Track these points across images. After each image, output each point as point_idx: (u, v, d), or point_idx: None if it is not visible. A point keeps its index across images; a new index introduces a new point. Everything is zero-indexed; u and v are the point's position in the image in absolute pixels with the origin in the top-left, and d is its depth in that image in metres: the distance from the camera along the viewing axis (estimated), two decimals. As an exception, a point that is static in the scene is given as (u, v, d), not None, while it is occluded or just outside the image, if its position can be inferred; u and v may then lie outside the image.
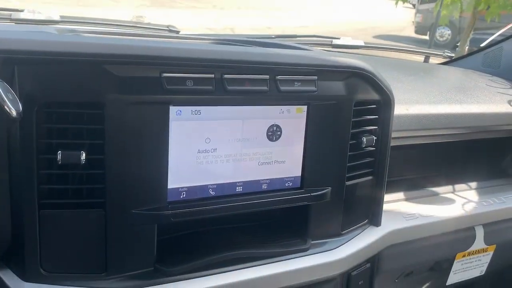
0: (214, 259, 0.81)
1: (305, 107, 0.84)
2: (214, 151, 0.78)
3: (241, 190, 0.83)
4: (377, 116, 0.96)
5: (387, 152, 0.98)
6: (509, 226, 1.31)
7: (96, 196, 0.71)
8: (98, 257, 0.73)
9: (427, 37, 10.46)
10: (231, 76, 0.75)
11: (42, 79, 0.66)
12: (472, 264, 1.31)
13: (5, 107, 0.60)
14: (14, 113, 0.60)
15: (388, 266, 1.11)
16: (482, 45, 1.90)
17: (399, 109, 1.03)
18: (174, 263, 0.78)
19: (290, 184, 0.87)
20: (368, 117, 0.95)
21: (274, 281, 0.85)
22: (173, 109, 0.73)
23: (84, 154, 0.68)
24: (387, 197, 1.06)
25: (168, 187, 0.75)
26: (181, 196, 0.77)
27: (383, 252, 1.06)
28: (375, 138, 0.95)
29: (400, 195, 1.22)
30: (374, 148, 0.97)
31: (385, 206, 1.04)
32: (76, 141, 0.69)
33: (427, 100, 1.20)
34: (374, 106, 0.96)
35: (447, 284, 1.34)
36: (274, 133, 0.83)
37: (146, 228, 0.75)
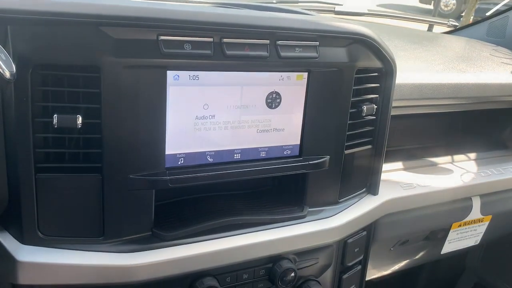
0: (211, 224, 0.81)
1: (305, 74, 0.82)
2: (212, 118, 0.77)
3: (239, 157, 0.82)
4: (378, 85, 0.95)
5: (387, 121, 0.98)
6: (506, 197, 1.32)
7: (93, 161, 0.71)
8: (96, 221, 0.73)
9: (431, 7, 10.26)
10: (230, 41, 0.74)
11: (37, 40, 0.64)
12: (467, 233, 1.33)
13: (-2, 68, 0.59)
14: (7, 74, 0.59)
15: (384, 235, 1.12)
16: (487, 14, 1.87)
17: (401, 78, 1.01)
18: (172, 228, 0.78)
19: (288, 152, 0.87)
20: (370, 85, 0.94)
21: (270, 247, 0.85)
22: (170, 74, 0.71)
23: (80, 118, 0.67)
24: (385, 166, 1.06)
25: (166, 153, 0.75)
26: (179, 162, 0.77)
27: (379, 220, 1.07)
28: (375, 107, 0.94)
29: (399, 164, 1.22)
30: (374, 117, 0.96)
31: (383, 176, 1.04)
32: (72, 105, 0.68)
33: (429, 69, 1.19)
34: (376, 74, 0.94)
35: (441, 253, 1.36)
36: (273, 100, 0.82)
37: (144, 194, 0.75)
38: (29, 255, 0.70)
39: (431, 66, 1.21)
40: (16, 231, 0.72)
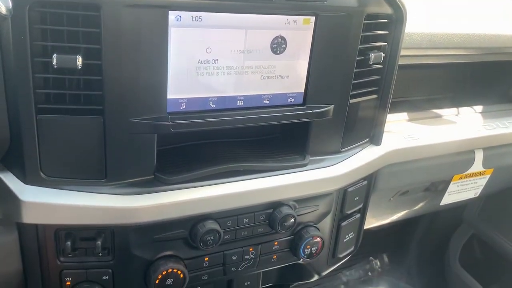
0: (213, 170, 0.81)
1: (312, 18, 0.79)
2: (215, 62, 0.76)
3: (242, 104, 0.81)
4: (387, 32, 0.92)
5: (395, 71, 0.95)
6: (509, 151, 1.31)
7: (94, 103, 0.70)
8: (98, 164, 0.73)
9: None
10: (235, -20, 0.70)
11: (33, -25, 0.61)
12: (467, 186, 1.34)
13: (-7, 3, 0.57)
14: (3, 9, 0.57)
15: (385, 185, 1.12)
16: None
17: (411, 26, 0.98)
18: (174, 173, 0.79)
19: (292, 100, 0.85)
20: (378, 32, 0.90)
21: (271, 193, 0.86)
22: (172, 14, 0.69)
23: (80, 59, 0.65)
24: (390, 117, 1.05)
25: (168, 98, 0.74)
26: (181, 107, 0.76)
27: (381, 170, 1.07)
28: (383, 55, 0.92)
29: (403, 115, 1.21)
30: (381, 66, 0.94)
31: (387, 126, 1.03)
32: (72, 45, 0.66)
33: (441, 17, 1.15)
34: (386, 21, 0.91)
35: (440, 204, 1.38)
36: (278, 45, 0.79)
37: (146, 138, 0.75)
38: (32, 195, 0.71)
39: (442, 14, 1.16)
40: (19, 172, 0.72)
